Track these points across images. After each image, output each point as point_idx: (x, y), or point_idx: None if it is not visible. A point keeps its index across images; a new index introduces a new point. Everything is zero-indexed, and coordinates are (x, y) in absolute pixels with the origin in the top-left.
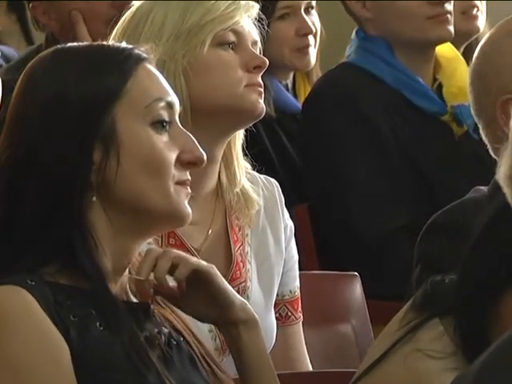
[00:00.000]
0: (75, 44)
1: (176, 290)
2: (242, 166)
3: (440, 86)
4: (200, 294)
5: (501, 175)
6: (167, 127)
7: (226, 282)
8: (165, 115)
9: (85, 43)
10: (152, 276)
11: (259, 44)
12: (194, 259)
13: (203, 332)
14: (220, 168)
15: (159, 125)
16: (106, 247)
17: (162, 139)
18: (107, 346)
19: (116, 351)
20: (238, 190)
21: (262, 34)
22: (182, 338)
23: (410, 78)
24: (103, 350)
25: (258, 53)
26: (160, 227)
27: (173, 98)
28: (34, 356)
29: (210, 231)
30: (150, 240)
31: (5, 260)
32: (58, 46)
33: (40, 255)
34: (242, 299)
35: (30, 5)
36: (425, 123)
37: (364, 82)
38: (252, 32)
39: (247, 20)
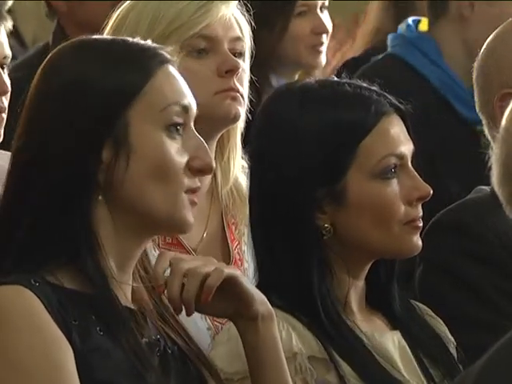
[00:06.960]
0: (100, 36)
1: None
2: (237, 161)
3: None
4: (222, 294)
5: (494, 180)
6: (180, 131)
7: (247, 280)
8: (179, 119)
9: (110, 37)
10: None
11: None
12: (221, 266)
13: (201, 330)
14: (215, 166)
15: (173, 128)
16: (109, 248)
17: (173, 144)
18: (108, 351)
19: (116, 356)
20: (231, 185)
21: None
22: (175, 347)
23: (455, 81)
24: (104, 355)
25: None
26: (160, 232)
27: (190, 100)
28: (37, 359)
29: (206, 230)
30: None
31: (9, 259)
32: (83, 37)
33: (44, 255)
34: (261, 293)
35: None
36: (457, 128)
37: (407, 76)
38: (232, 28)
39: (234, 12)
